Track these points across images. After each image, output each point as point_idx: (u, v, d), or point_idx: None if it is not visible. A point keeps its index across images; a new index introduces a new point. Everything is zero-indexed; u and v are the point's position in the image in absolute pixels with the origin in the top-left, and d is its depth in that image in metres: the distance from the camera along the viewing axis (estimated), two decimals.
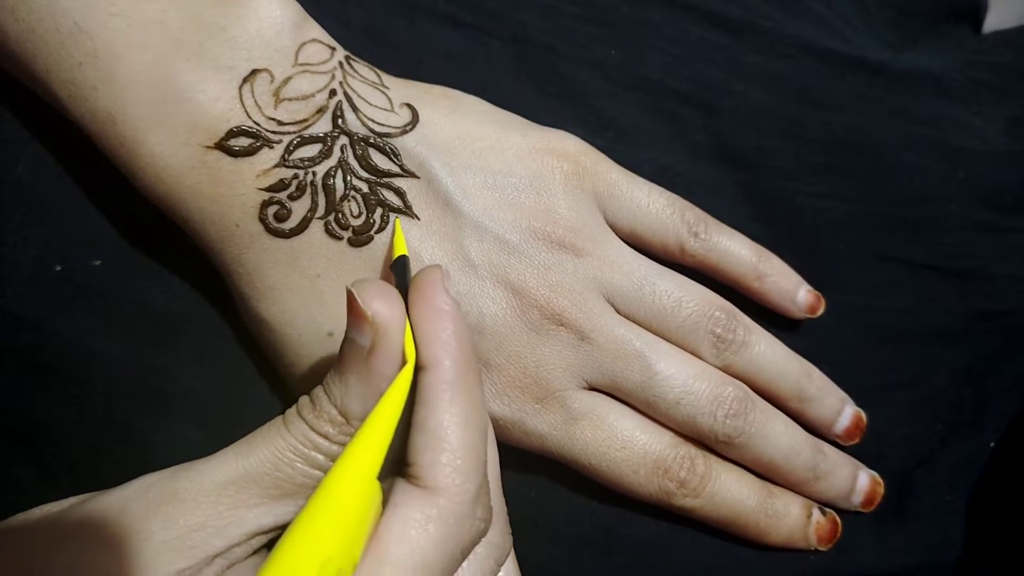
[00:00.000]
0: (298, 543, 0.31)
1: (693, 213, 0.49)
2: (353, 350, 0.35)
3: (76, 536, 0.35)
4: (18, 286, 0.47)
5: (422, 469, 0.34)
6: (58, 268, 0.47)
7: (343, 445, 0.35)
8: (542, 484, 0.49)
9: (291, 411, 0.37)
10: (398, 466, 0.35)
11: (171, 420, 0.46)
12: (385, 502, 0.34)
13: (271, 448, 0.36)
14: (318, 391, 0.37)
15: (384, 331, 0.35)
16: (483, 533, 0.35)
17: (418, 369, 0.36)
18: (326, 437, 0.36)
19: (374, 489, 0.33)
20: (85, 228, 0.47)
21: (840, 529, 0.49)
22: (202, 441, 0.46)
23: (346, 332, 0.36)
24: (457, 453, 0.34)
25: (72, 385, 0.46)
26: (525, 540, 0.48)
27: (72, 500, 0.38)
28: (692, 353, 0.47)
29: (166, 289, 0.48)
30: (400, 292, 0.37)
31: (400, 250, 0.41)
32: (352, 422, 0.36)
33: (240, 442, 0.37)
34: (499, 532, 0.38)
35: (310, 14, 0.45)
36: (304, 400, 0.37)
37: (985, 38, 0.66)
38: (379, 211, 0.43)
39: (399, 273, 0.40)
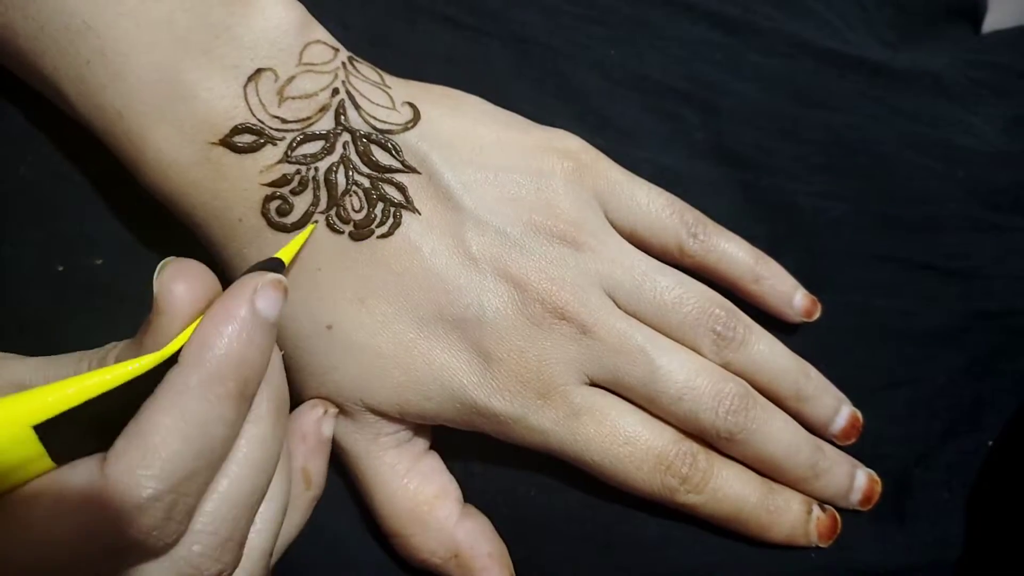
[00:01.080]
0: None
1: (692, 215, 0.49)
2: (143, 323, 0.36)
3: None
4: (18, 285, 0.47)
5: (111, 452, 0.32)
6: (60, 267, 0.47)
7: None
8: (541, 483, 0.49)
9: (95, 349, 0.38)
10: None
11: None
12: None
13: (57, 364, 0.37)
14: (110, 346, 0.37)
15: (161, 310, 0.34)
16: (147, 545, 0.33)
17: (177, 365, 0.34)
18: None
19: (25, 437, 0.31)
20: (87, 227, 0.48)
21: (840, 525, 0.49)
22: None
23: None
24: (149, 457, 0.32)
25: None
26: (524, 540, 0.49)
27: None
28: (692, 350, 0.48)
29: None
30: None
31: (284, 254, 0.41)
32: None
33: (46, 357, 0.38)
34: (202, 552, 0.35)
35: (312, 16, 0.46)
36: (110, 346, 0.37)
37: (984, 38, 0.66)
38: (380, 206, 0.44)
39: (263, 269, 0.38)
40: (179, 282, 0.35)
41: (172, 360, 0.34)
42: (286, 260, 0.41)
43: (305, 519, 0.45)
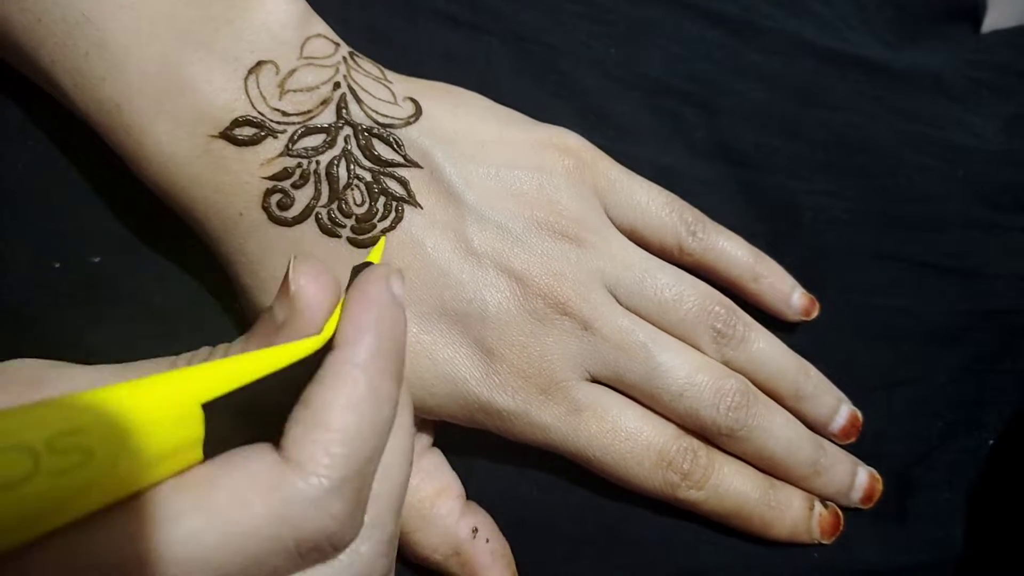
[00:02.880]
0: (62, 401, 0.27)
1: (692, 213, 0.50)
2: (266, 320, 0.35)
3: None
4: (16, 282, 0.48)
5: (288, 440, 0.31)
6: (57, 264, 0.48)
7: None
8: (542, 482, 0.50)
9: (184, 356, 0.37)
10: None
11: None
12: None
13: (136, 373, 0.35)
14: (217, 349, 0.36)
15: (300, 309, 0.34)
16: (337, 536, 0.31)
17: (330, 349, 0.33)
18: None
19: (193, 415, 0.29)
20: (84, 224, 0.48)
21: (842, 522, 0.50)
22: None
23: (273, 301, 0.35)
24: (334, 436, 0.31)
25: None
26: (525, 539, 0.49)
27: None
28: (693, 347, 0.48)
29: (166, 286, 0.48)
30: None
31: (373, 258, 0.41)
32: None
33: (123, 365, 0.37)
34: (373, 549, 0.34)
35: None
36: (205, 349, 0.37)
37: (984, 37, 0.66)
38: (382, 200, 0.44)
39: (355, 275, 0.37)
40: (304, 279, 0.34)
41: (323, 351, 0.33)
42: (376, 262, 0.39)
43: None
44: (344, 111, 0.44)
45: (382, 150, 0.44)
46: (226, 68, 0.43)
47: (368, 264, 0.38)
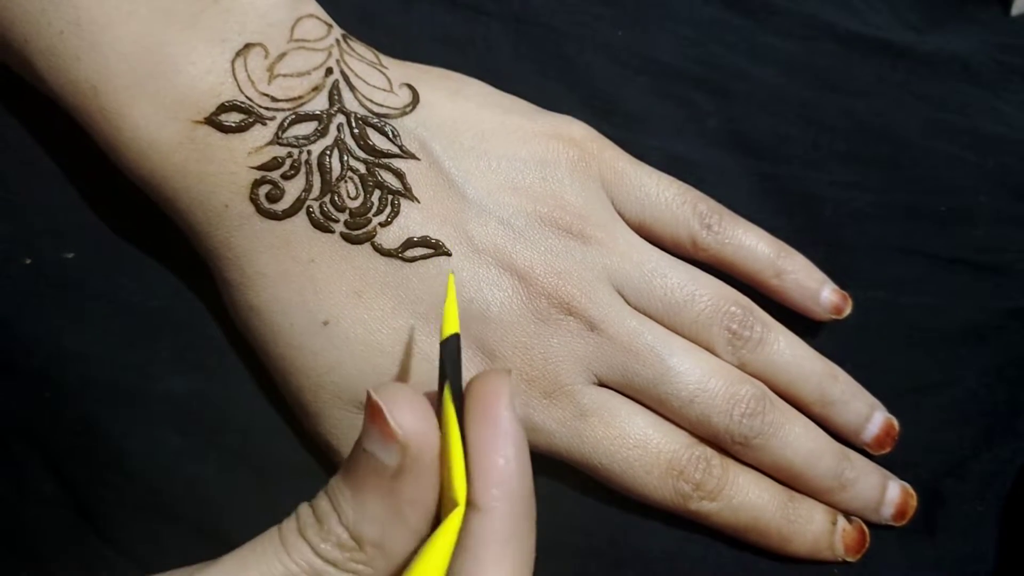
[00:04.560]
0: None
1: (706, 204, 0.50)
2: (372, 466, 0.34)
3: None
4: None
5: None
6: (28, 261, 0.48)
7: (353, 574, 0.34)
8: (546, 493, 0.48)
9: (290, 527, 0.35)
10: None
11: (150, 424, 0.47)
12: None
13: (264, 573, 0.34)
14: (324, 507, 0.35)
15: (417, 455, 0.33)
16: None
17: (467, 503, 0.33)
18: (334, 564, 0.34)
19: None
20: (57, 219, 0.48)
21: (868, 538, 0.50)
22: (183, 446, 0.47)
23: (361, 440, 0.34)
24: None
25: (44, 386, 0.47)
26: None
27: None
28: (706, 350, 0.48)
29: (144, 284, 0.48)
30: (443, 379, 0.36)
31: (451, 325, 0.38)
32: (366, 548, 0.34)
33: (230, 560, 0.35)
34: None
35: None
36: (306, 515, 0.35)
37: (1015, 20, 0.67)
38: (377, 193, 0.44)
39: (447, 357, 0.37)
40: (407, 417, 0.33)
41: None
42: (455, 328, 0.38)
43: None
44: (337, 98, 0.44)
45: (377, 140, 0.45)
46: (212, 50, 0.43)
47: (454, 337, 0.37)
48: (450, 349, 0.37)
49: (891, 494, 0.50)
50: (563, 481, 0.49)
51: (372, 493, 0.34)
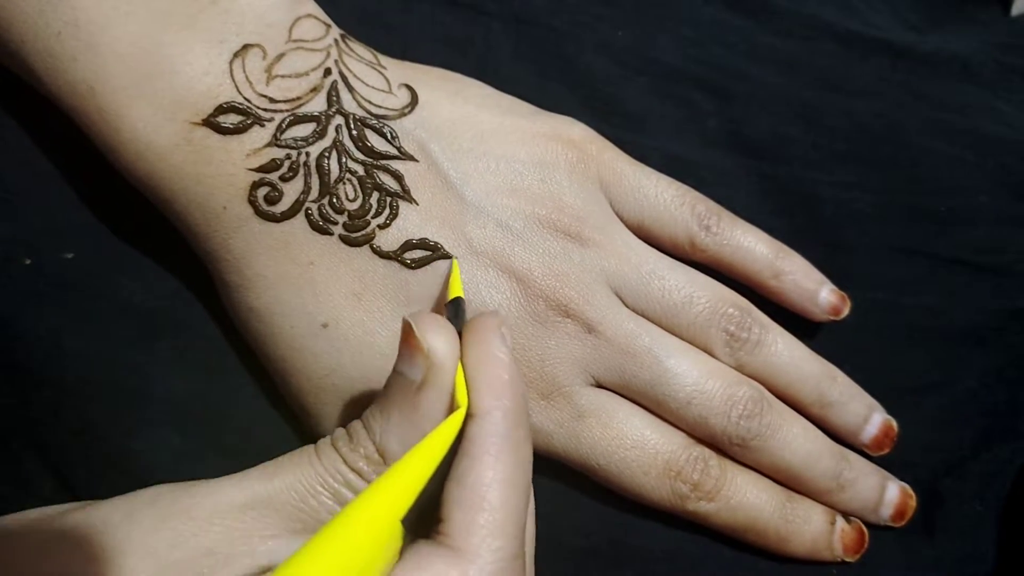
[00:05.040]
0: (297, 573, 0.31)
1: (704, 205, 0.50)
2: (400, 384, 0.36)
3: (69, 544, 0.36)
4: None
5: (454, 527, 0.34)
6: (27, 261, 0.48)
7: None
8: (545, 493, 0.49)
9: (324, 441, 0.38)
10: (426, 519, 0.35)
11: (150, 424, 0.47)
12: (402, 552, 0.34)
13: (298, 476, 0.37)
14: (356, 424, 0.38)
15: (438, 368, 0.36)
16: None
17: (466, 416, 0.36)
18: (359, 474, 0.37)
19: (395, 531, 0.33)
20: (57, 219, 0.49)
21: (867, 538, 0.50)
22: (183, 447, 0.47)
23: (396, 365, 0.37)
24: (496, 514, 0.34)
25: (44, 387, 0.47)
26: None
27: (73, 505, 0.40)
28: (705, 351, 0.48)
29: (144, 284, 0.49)
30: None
31: (456, 290, 0.42)
32: (389, 461, 0.36)
33: (264, 465, 0.38)
34: None
35: None
36: (340, 431, 0.38)
37: (1015, 20, 0.67)
38: (376, 195, 0.44)
39: (453, 314, 0.40)
40: (433, 336, 0.36)
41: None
42: (461, 293, 0.42)
43: None
44: (335, 99, 0.44)
45: (375, 142, 0.45)
46: (209, 51, 0.43)
47: (459, 299, 0.40)
48: (455, 306, 0.41)
49: (890, 495, 0.51)
50: (563, 481, 0.49)
51: (397, 409, 0.37)
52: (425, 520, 0.35)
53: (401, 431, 0.36)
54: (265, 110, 0.43)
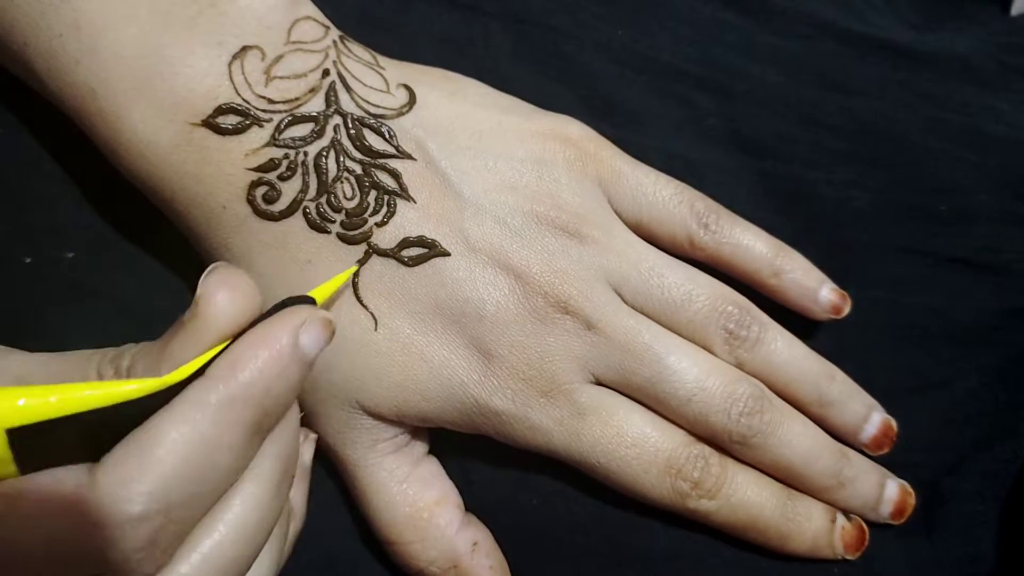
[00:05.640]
0: None
1: (704, 203, 0.50)
2: (175, 324, 0.36)
3: None
4: None
5: (108, 456, 0.32)
6: (28, 260, 0.48)
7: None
8: (544, 491, 0.50)
9: (108, 349, 0.38)
10: None
11: None
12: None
13: (64, 366, 0.37)
14: (128, 347, 0.37)
15: (198, 317, 0.35)
16: (119, 567, 0.32)
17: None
18: (100, 378, 0.36)
19: None
20: (57, 218, 0.49)
21: (868, 537, 0.50)
22: None
23: None
24: (148, 471, 0.32)
25: None
26: (526, 552, 0.50)
27: None
28: (704, 349, 0.49)
29: (144, 283, 0.49)
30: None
31: (319, 294, 0.40)
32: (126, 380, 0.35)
33: (60, 353, 0.38)
34: None
35: None
36: (130, 346, 0.37)
37: (1015, 20, 0.67)
38: (373, 193, 0.45)
39: (281, 305, 0.38)
40: (223, 290, 0.35)
41: (189, 380, 0.34)
42: (319, 300, 0.39)
43: (287, 554, 0.44)
44: (333, 99, 0.45)
45: (373, 141, 0.45)
46: (209, 52, 0.43)
47: (306, 299, 0.38)
48: (295, 301, 0.38)
49: (889, 492, 0.51)
50: (562, 481, 0.50)
51: (159, 341, 0.36)
52: None
53: (147, 361, 0.35)
54: (264, 111, 0.44)
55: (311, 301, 0.39)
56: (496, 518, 0.50)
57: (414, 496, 0.48)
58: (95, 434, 0.33)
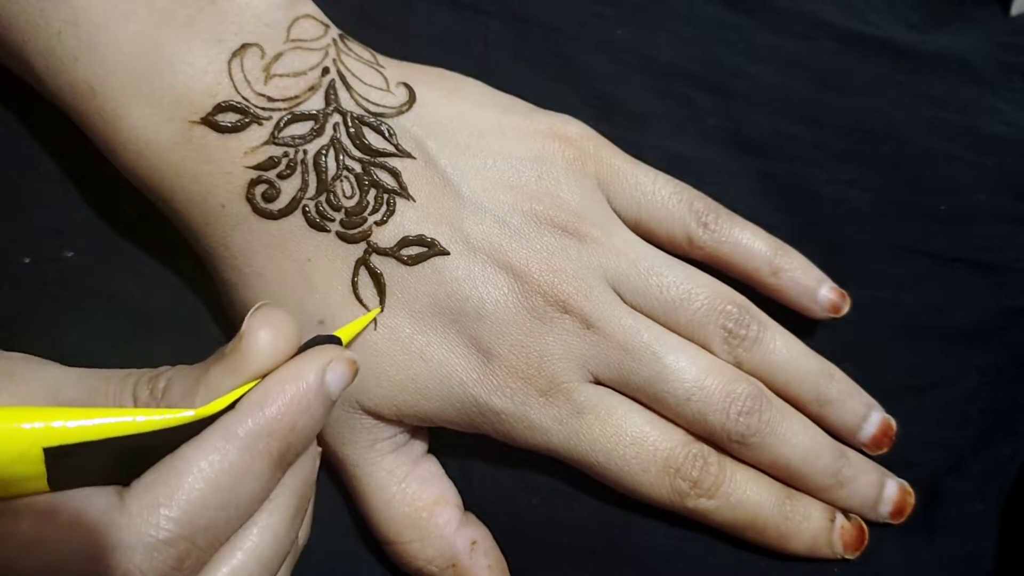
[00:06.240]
0: None
1: (703, 202, 0.50)
2: (217, 351, 0.38)
3: None
4: None
5: (138, 481, 0.34)
6: (27, 260, 0.49)
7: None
8: (544, 491, 0.50)
9: (145, 370, 0.39)
10: None
11: None
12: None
13: (99, 384, 0.38)
14: (169, 368, 0.39)
15: (240, 352, 0.36)
16: None
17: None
18: (135, 398, 0.37)
19: (32, 455, 0.32)
20: (56, 217, 0.49)
21: (867, 536, 0.50)
22: None
23: None
24: (176, 497, 0.33)
25: None
26: (526, 552, 0.50)
27: None
28: (703, 348, 0.49)
29: (144, 282, 0.50)
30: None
31: (345, 334, 0.42)
32: (162, 404, 0.37)
33: (98, 370, 0.39)
34: None
35: None
36: (161, 369, 0.39)
37: (1015, 20, 0.67)
38: (373, 192, 0.45)
39: (315, 342, 0.40)
40: (266, 330, 0.37)
41: (220, 414, 0.36)
42: (344, 340, 0.41)
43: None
44: (333, 98, 0.45)
45: (373, 139, 0.45)
46: (208, 50, 0.44)
47: (332, 339, 0.40)
48: (324, 340, 0.40)
49: (889, 492, 0.51)
50: (561, 480, 0.50)
51: (197, 367, 0.37)
52: None
53: (184, 386, 0.37)
54: (263, 109, 0.44)
55: (337, 341, 0.40)
56: (495, 517, 0.50)
57: (413, 495, 0.48)
58: (126, 457, 0.35)
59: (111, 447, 0.34)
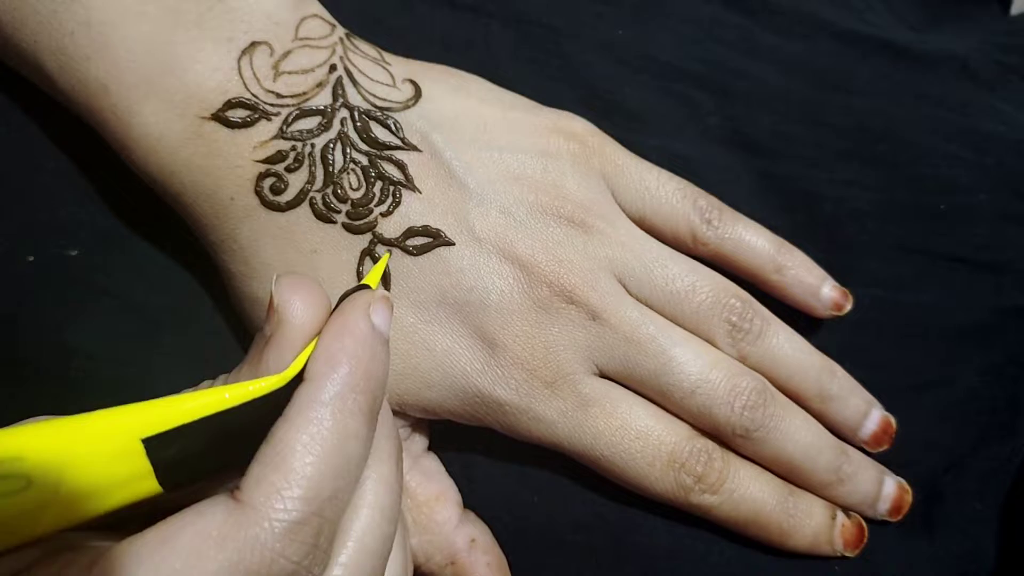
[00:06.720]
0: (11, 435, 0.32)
1: (706, 200, 0.51)
2: (256, 339, 0.38)
3: None
4: None
5: (248, 481, 0.33)
6: (31, 258, 0.49)
7: None
8: (545, 489, 0.51)
9: (203, 383, 0.40)
10: None
11: None
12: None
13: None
14: (225, 376, 0.39)
15: (284, 324, 0.36)
16: None
17: (301, 381, 0.35)
18: None
19: (130, 448, 0.33)
20: (60, 216, 0.50)
21: (867, 534, 0.51)
22: None
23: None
24: (292, 478, 0.33)
25: (48, 382, 0.48)
26: (527, 550, 0.50)
27: None
28: (706, 342, 0.49)
29: (147, 281, 0.50)
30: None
31: (370, 280, 0.41)
32: None
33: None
34: None
35: None
36: (217, 380, 0.39)
37: (1014, 20, 0.68)
38: (379, 184, 0.46)
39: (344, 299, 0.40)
40: (298, 296, 0.37)
41: (296, 381, 0.35)
42: (372, 286, 0.41)
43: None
44: (340, 93, 0.46)
45: (379, 133, 0.46)
46: (218, 48, 0.45)
47: (362, 287, 0.40)
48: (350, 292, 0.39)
49: (887, 489, 0.51)
50: (563, 478, 0.50)
51: (247, 362, 0.38)
52: None
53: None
54: (272, 105, 0.45)
55: (366, 288, 0.40)
56: (496, 516, 0.51)
57: (413, 491, 0.49)
58: (221, 441, 0.35)
59: (206, 431, 0.34)
